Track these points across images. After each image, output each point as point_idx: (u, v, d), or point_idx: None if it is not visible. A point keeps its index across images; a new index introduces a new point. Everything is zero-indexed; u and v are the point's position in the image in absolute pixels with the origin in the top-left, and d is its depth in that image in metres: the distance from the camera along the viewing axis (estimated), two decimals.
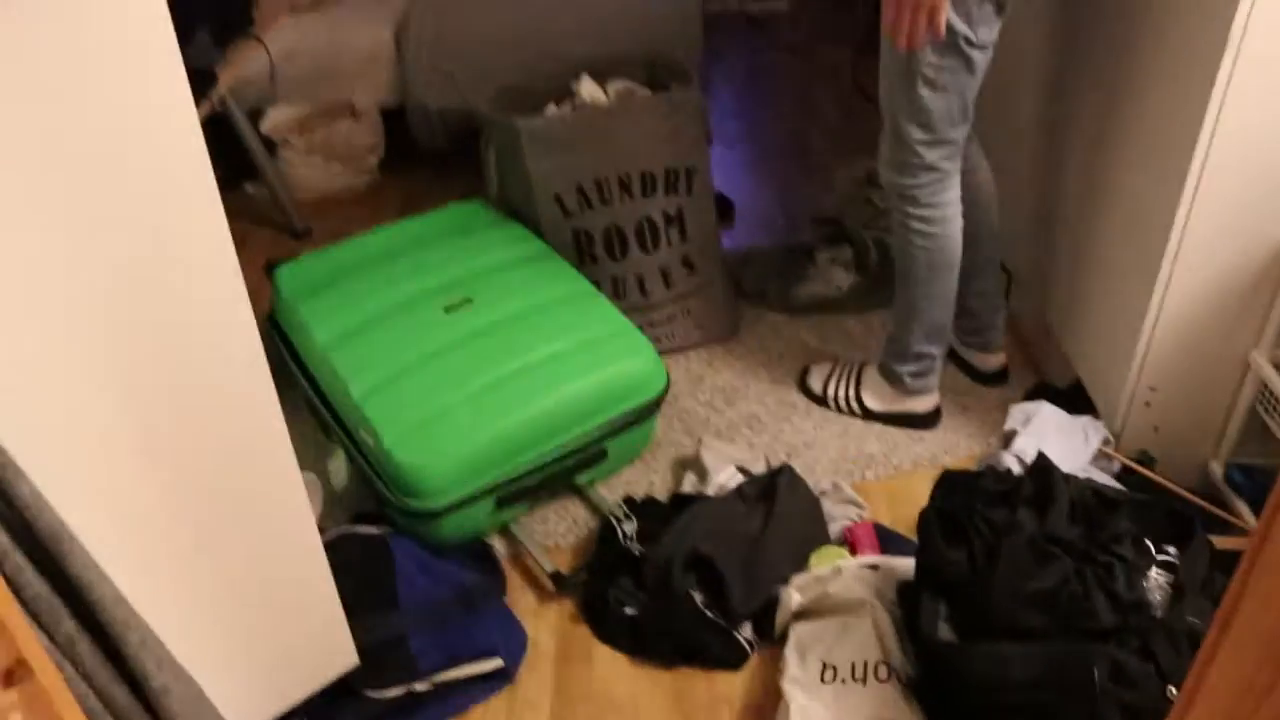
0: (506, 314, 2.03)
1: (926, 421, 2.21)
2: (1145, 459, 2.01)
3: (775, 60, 3.97)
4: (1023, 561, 1.45)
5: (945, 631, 1.49)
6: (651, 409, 2.03)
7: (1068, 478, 1.57)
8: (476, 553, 1.95)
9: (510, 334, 1.99)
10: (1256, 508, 1.88)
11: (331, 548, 1.62)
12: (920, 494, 2.06)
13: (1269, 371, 1.80)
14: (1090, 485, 1.58)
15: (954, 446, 2.19)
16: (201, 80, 2.23)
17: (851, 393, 2.24)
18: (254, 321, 1.32)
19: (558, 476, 1.98)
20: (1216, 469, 1.98)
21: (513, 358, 1.94)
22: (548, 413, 1.89)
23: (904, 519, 2.01)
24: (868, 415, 2.24)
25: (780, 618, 1.79)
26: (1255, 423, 1.89)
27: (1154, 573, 1.50)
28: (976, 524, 1.51)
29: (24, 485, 0.97)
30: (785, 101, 3.66)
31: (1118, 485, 1.86)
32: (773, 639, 1.80)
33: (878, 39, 1.84)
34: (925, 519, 1.61)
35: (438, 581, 1.82)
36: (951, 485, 1.65)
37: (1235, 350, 1.87)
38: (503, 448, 1.86)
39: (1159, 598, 1.48)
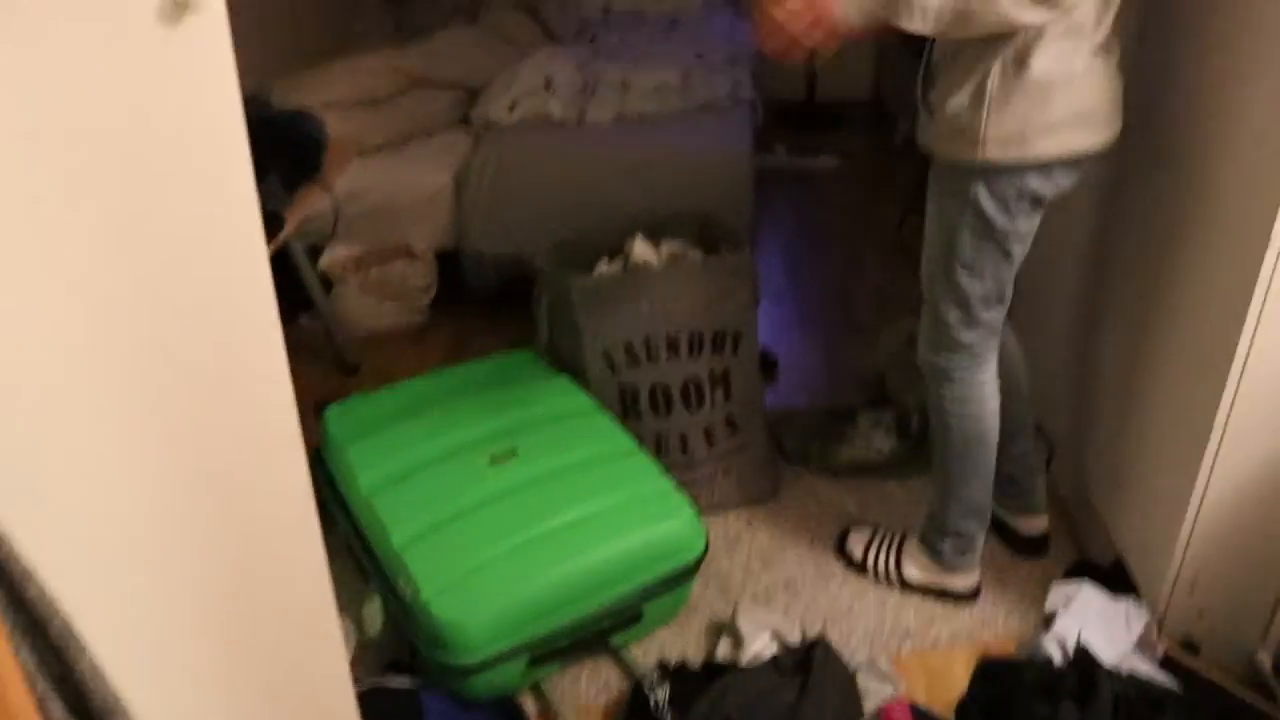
0: (550, 468, 2.05)
1: (965, 597, 2.19)
2: (1189, 646, 1.98)
3: (822, 217, 4.05)
4: None
5: None
6: (690, 572, 2.03)
7: (1111, 672, 1.54)
8: (507, 710, 1.93)
9: (553, 489, 2.01)
10: None
11: (363, 700, 1.61)
12: (957, 671, 2.03)
13: None
14: (1135, 682, 1.55)
15: (992, 622, 2.16)
16: (270, 223, 2.31)
17: (892, 562, 2.23)
18: (305, 461, 1.34)
19: (592, 636, 1.97)
20: (1264, 659, 1.94)
21: (555, 514, 1.95)
22: (587, 572, 1.90)
23: (940, 698, 1.98)
24: (906, 586, 2.22)
25: None
26: None
27: None
28: (1020, 714, 1.49)
29: (57, 621, 0.98)
30: (831, 259, 3.72)
31: (1162, 676, 1.83)
32: None
33: (924, 200, 1.89)
34: (965, 712, 1.59)
35: None
36: (991, 675, 1.62)
37: None
38: (540, 606, 1.86)
39: None
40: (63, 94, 0.99)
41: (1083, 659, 1.57)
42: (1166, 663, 1.91)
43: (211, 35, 1.06)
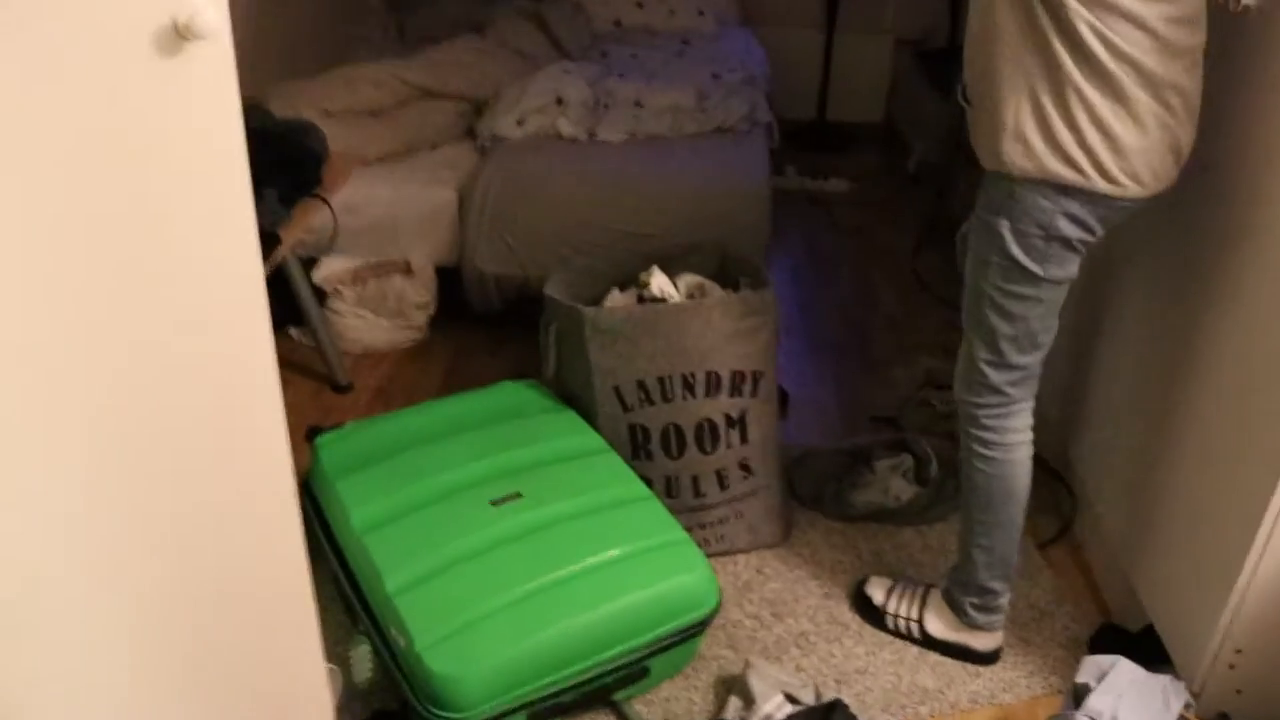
0: (557, 514, 1.93)
1: (985, 659, 2.08)
2: None
3: (834, 242, 3.94)
4: None
5: None
6: (701, 627, 1.92)
7: None
8: None
9: (559, 537, 1.89)
10: None
11: None
12: None
13: None
14: None
15: (1014, 685, 2.05)
16: (266, 242, 2.19)
17: (914, 613, 2.12)
18: (295, 491, 1.26)
19: (595, 692, 1.85)
20: None
21: (560, 563, 1.83)
22: (594, 627, 1.78)
23: None
24: (926, 641, 2.11)
25: None
26: None
27: None
28: None
29: None
30: (843, 286, 3.61)
31: None
32: None
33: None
34: None
35: None
36: None
37: None
38: (542, 662, 1.75)
39: None
40: (57, 123, 0.93)
41: None
42: None
43: (214, 63, 0.98)
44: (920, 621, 2.11)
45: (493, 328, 3.15)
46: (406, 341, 3.15)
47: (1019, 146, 1.59)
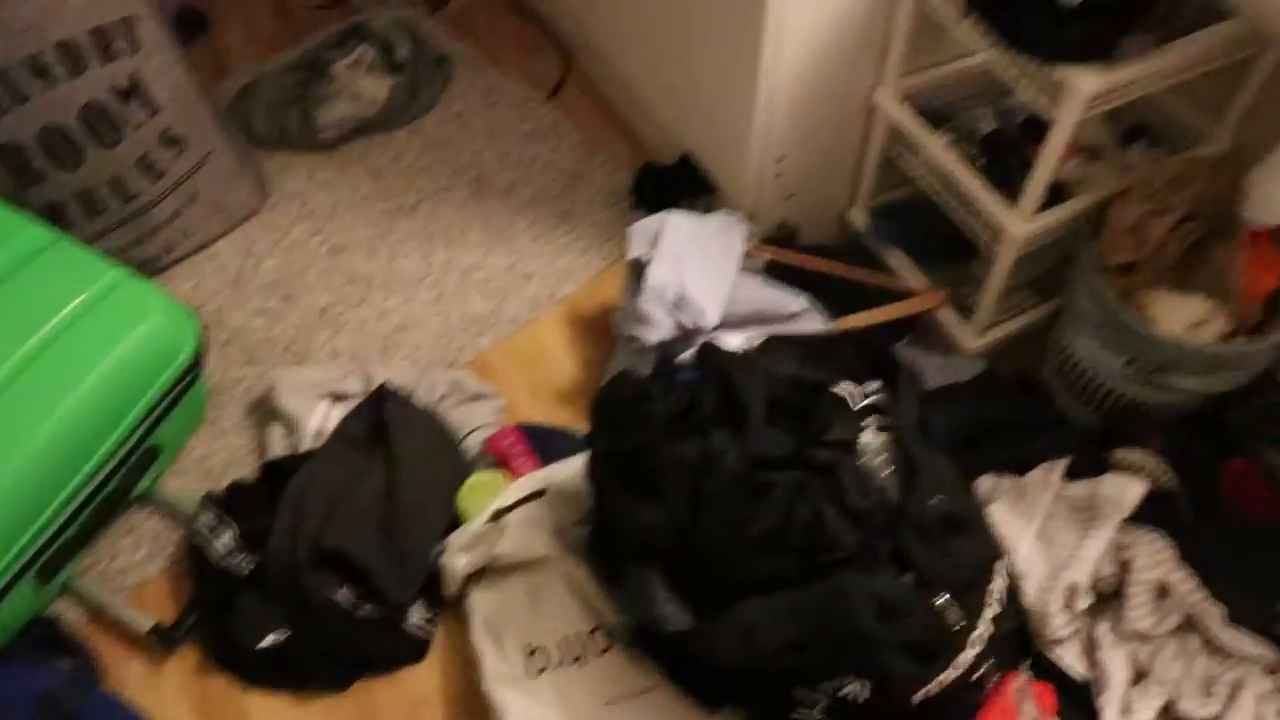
0: None
1: None
2: (785, 232, 1.77)
3: None
4: (734, 503, 1.15)
5: (671, 611, 1.19)
6: (192, 373, 1.49)
7: (753, 370, 1.24)
8: (42, 639, 1.42)
9: None
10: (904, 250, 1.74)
11: None
12: (552, 347, 1.72)
13: (893, 108, 1.58)
14: (787, 370, 1.26)
15: (570, 272, 1.83)
16: None
17: None
18: None
19: (109, 500, 1.44)
20: (858, 217, 1.78)
21: None
22: (59, 438, 1.31)
23: (546, 390, 1.68)
24: None
25: (451, 588, 1.43)
26: (885, 166, 1.71)
27: (870, 438, 1.23)
28: (664, 469, 1.18)
29: None
30: None
31: (774, 293, 1.59)
32: (452, 607, 1.46)
33: None
34: (597, 470, 1.26)
35: (7, 703, 1.30)
36: (612, 413, 1.28)
37: (858, 93, 1.61)
38: (17, 507, 1.29)
39: (880, 462, 1.22)
40: None
41: (718, 371, 1.24)
42: (771, 268, 1.68)
43: None
44: None
45: None
46: None
47: None
